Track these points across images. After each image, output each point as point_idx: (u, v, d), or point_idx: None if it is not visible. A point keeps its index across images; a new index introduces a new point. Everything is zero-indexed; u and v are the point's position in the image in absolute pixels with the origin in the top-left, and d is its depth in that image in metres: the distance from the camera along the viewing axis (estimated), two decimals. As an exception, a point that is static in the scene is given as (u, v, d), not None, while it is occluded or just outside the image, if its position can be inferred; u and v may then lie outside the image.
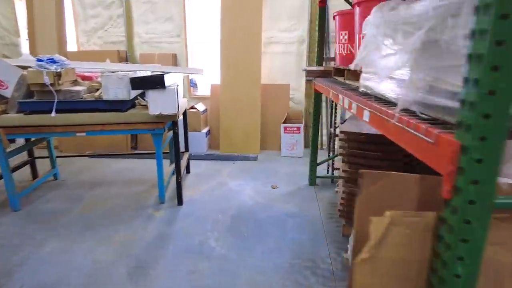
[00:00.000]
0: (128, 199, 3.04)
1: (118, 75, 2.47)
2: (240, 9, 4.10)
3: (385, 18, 1.23)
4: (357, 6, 1.99)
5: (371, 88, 1.58)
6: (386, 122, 1.17)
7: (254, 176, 3.61)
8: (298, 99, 4.56)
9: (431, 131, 0.87)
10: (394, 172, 1.03)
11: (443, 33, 0.96)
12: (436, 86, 1.02)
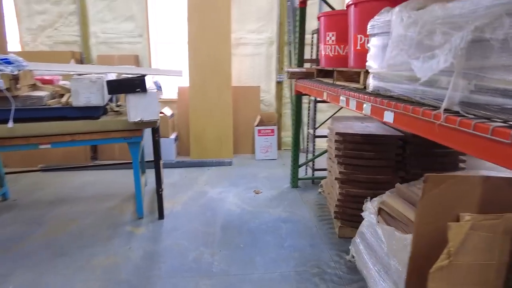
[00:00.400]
0: (100, 216, 2.72)
1: (91, 78, 2.18)
2: (208, 8, 3.94)
3: (416, 18, 1.21)
4: (354, 7, 1.98)
5: (383, 89, 1.57)
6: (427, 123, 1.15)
7: (234, 182, 3.47)
8: (268, 101, 4.51)
9: (506, 131, 0.85)
10: (457, 174, 1.01)
11: (494, 33, 0.96)
12: (484, 86, 1.02)
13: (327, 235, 2.44)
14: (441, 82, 1.18)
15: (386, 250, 1.63)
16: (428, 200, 0.97)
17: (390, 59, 1.32)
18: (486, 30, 0.98)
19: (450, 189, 0.96)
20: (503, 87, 0.96)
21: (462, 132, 1.00)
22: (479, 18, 0.99)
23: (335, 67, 2.42)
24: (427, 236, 0.98)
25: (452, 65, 1.07)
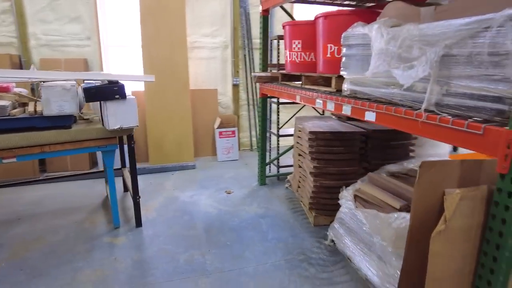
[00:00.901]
0: (70, 231, 2.56)
1: (64, 86, 2.07)
2: (162, 12, 3.89)
3: (395, 35, 1.48)
4: (324, 19, 2.23)
5: (360, 92, 1.84)
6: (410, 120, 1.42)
7: (202, 184, 3.52)
8: (226, 103, 4.62)
9: (475, 125, 1.13)
10: (443, 159, 1.28)
11: (460, 50, 1.26)
12: (454, 91, 1.32)
13: (304, 225, 2.67)
14: (416, 87, 1.47)
15: (369, 230, 1.90)
16: (423, 181, 1.23)
17: (374, 68, 1.57)
18: (454, 48, 1.28)
19: (438, 171, 1.23)
20: (468, 92, 1.26)
21: (442, 127, 1.27)
22: (449, 38, 1.28)
23: (301, 72, 2.67)
24: (422, 209, 1.24)
25: (428, 74, 1.36)
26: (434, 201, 1.24)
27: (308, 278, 2.02)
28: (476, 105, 1.23)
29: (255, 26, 4.41)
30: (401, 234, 1.64)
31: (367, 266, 1.91)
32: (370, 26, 1.68)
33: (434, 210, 1.24)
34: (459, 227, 1.14)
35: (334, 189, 2.55)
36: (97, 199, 3.14)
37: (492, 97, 1.17)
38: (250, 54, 4.44)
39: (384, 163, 2.48)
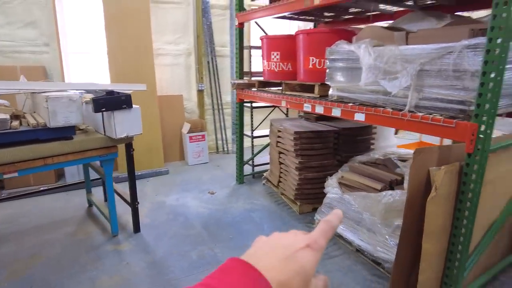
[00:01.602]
0: (65, 244, 2.52)
1: (71, 97, 2.09)
2: (127, 18, 3.89)
3: (380, 53, 1.92)
4: (306, 35, 2.61)
5: (347, 98, 2.26)
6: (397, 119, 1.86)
7: (183, 188, 3.65)
8: (191, 109, 4.76)
9: (449, 121, 1.61)
10: (425, 147, 1.74)
11: (431, 67, 1.74)
12: (427, 96, 1.80)
13: (290, 214, 3.03)
14: (397, 94, 1.93)
15: (358, 209, 2.33)
16: (415, 163, 1.67)
17: (365, 79, 1.99)
18: (427, 65, 1.75)
19: (424, 155, 1.69)
20: (439, 97, 1.74)
21: (423, 123, 1.73)
22: (423, 58, 1.75)
23: (280, 80, 3.03)
24: (415, 183, 1.68)
25: (409, 84, 1.82)
26: (422, 177, 1.70)
27: (309, 255, 2.38)
28: (445, 107, 1.72)
29: (217, 34, 4.64)
30: (389, 208, 2.10)
31: (358, 238, 2.34)
32: (356, 45, 2.10)
33: (422, 183, 1.70)
34: (444, 193, 1.60)
35: (315, 180, 2.97)
36: (79, 211, 3.07)
37: (456, 101, 1.67)
38: (213, 61, 4.65)
39: (352, 155, 2.98)
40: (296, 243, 0.40)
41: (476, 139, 1.53)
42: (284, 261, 0.37)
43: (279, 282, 0.35)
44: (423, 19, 2.24)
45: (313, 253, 0.39)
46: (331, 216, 0.45)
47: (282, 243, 0.40)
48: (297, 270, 0.37)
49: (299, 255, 0.38)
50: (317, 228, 0.43)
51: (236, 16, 3.30)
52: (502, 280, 2.11)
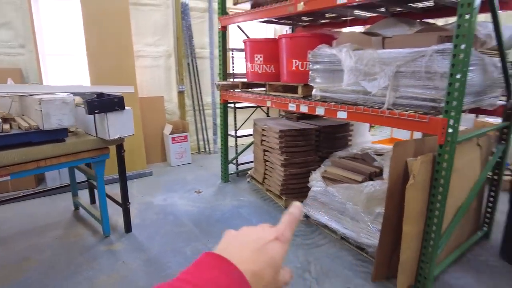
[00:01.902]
0: (56, 247, 2.51)
1: (64, 99, 2.10)
2: (106, 19, 3.87)
3: (360, 57, 2.11)
4: (290, 39, 2.77)
5: (330, 98, 2.45)
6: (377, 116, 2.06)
7: (169, 188, 3.69)
8: (171, 110, 4.79)
9: (423, 117, 1.82)
10: (403, 140, 1.94)
11: (406, 69, 1.95)
12: (403, 95, 2.01)
13: (276, 209, 3.18)
14: (376, 93, 2.13)
15: (341, 199, 2.52)
16: (395, 155, 1.87)
17: (347, 81, 2.18)
18: (402, 67, 1.96)
19: (403, 148, 1.90)
20: (413, 95, 1.96)
21: (401, 119, 1.94)
22: (399, 61, 1.96)
23: (264, 81, 3.17)
24: (395, 172, 1.88)
25: (387, 84, 2.02)
26: (401, 167, 1.90)
27: (298, 245, 2.54)
28: (419, 104, 1.93)
29: (197, 36, 4.71)
30: (370, 197, 2.31)
31: (342, 227, 2.53)
32: (337, 49, 2.29)
33: (401, 172, 1.91)
34: (420, 181, 1.82)
35: (299, 176, 3.14)
36: (65, 214, 3.04)
37: (429, 99, 1.89)
38: (193, 62, 4.71)
39: (332, 151, 3.19)
40: (265, 236, 0.42)
41: (446, 132, 1.75)
42: (255, 253, 0.39)
43: (252, 272, 0.37)
44: (396, 25, 2.47)
45: (281, 245, 0.42)
46: (293, 208, 0.48)
47: (252, 237, 0.42)
48: (268, 261, 0.39)
49: (269, 247, 0.40)
50: (282, 221, 0.46)
51: (219, 19, 3.41)
52: (469, 257, 2.39)
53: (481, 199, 2.56)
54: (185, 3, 4.51)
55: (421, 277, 1.99)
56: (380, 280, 2.12)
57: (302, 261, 2.34)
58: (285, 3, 2.60)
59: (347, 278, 2.16)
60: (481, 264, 2.31)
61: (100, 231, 2.73)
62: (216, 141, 5.09)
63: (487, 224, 2.63)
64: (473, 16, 1.60)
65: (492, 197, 2.57)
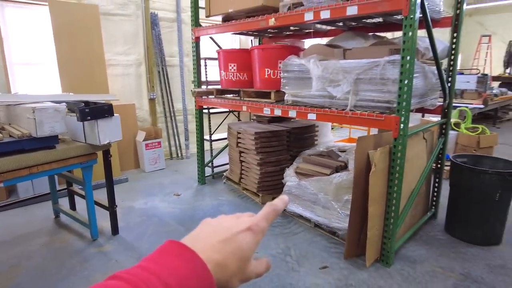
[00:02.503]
0: (43, 253, 2.55)
1: (56, 107, 2.20)
2: (77, 29, 3.90)
3: (326, 66, 2.46)
4: (262, 50, 3.08)
5: (300, 102, 2.78)
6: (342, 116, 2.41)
7: (148, 192, 3.80)
8: (142, 117, 4.87)
9: (380, 116, 2.21)
10: (364, 135, 2.31)
11: (365, 76, 2.34)
12: (363, 98, 2.39)
13: (254, 205, 3.44)
14: (340, 97, 2.49)
15: (313, 191, 2.85)
16: (359, 147, 2.23)
17: (316, 87, 2.52)
18: (361, 75, 2.34)
19: (364, 142, 2.26)
20: (371, 98, 2.35)
21: (362, 118, 2.31)
22: (358, 69, 2.34)
23: (238, 88, 3.44)
24: (359, 162, 2.24)
25: (349, 89, 2.39)
26: (363, 158, 2.27)
27: (278, 234, 2.82)
28: (376, 105, 2.32)
29: (167, 45, 4.86)
30: (339, 186, 2.66)
31: (316, 215, 2.85)
32: (306, 59, 2.63)
33: (364, 163, 2.28)
34: (380, 168, 2.19)
35: (273, 173, 3.44)
36: (46, 223, 3.05)
37: (383, 101, 2.28)
38: (164, 70, 4.85)
39: (301, 150, 3.53)
40: (238, 225, 0.42)
41: (399, 128, 2.14)
42: (223, 242, 0.39)
43: (216, 262, 0.37)
44: (354, 39, 2.88)
45: (253, 235, 0.41)
46: (277, 200, 0.49)
47: (224, 225, 0.42)
48: (234, 251, 0.38)
49: (239, 236, 0.40)
50: (261, 211, 0.46)
51: (193, 30, 3.63)
52: (420, 234, 2.83)
53: (429, 185, 3.03)
54: (155, 14, 4.66)
55: (384, 251, 2.36)
56: (351, 258, 2.46)
57: (283, 248, 2.63)
58: (257, 19, 2.90)
59: (323, 259, 2.48)
60: (430, 238, 2.76)
61: (86, 235, 2.80)
62: (188, 146, 5.24)
63: (434, 206, 3.10)
64: (414, 34, 2.00)
65: (437, 183, 3.06)
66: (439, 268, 2.35)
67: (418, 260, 2.44)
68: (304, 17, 2.52)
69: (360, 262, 2.42)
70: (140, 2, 4.54)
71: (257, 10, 3.01)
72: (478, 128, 4.41)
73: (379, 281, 2.21)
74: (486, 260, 2.45)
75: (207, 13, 3.51)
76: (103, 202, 2.86)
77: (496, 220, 2.57)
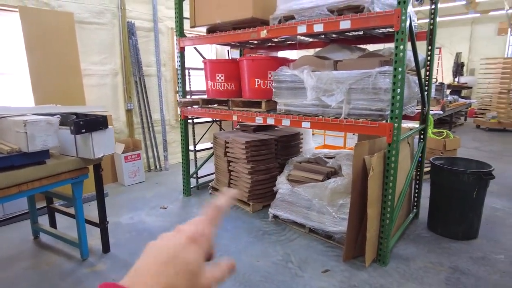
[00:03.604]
0: (30, 278, 2.36)
1: (49, 120, 2.08)
2: (51, 38, 3.71)
3: (319, 77, 2.58)
4: (252, 61, 3.14)
5: (293, 111, 2.86)
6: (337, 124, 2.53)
7: (132, 207, 3.66)
8: (119, 128, 4.69)
9: (374, 123, 2.35)
10: (360, 142, 2.43)
11: (357, 86, 2.48)
12: (356, 107, 2.52)
13: (245, 214, 3.44)
14: (334, 106, 2.61)
15: (308, 197, 2.93)
16: (356, 153, 2.35)
17: (310, 96, 2.62)
18: (354, 85, 2.48)
19: (361, 147, 2.39)
20: (363, 107, 2.49)
21: (356, 125, 2.44)
22: (351, 80, 2.48)
23: (227, 98, 3.47)
24: (356, 166, 2.36)
25: (343, 99, 2.52)
26: (360, 163, 2.40)
27: (275, 242, 2.86)
28: (368, 113, 2.47)
29: (144, 54, 4.76)
30: (334, 191, 2.76)
31: (310, 221, 2.93)
32: (299, 70, 2.73)
33: (360, 168, 2.40)
34: (377, 172, 2.32)
35: (264, 181, 3.48)
36: (25, 245, 2.83)
37: (376, 109, 2.43)
38: (141, 80, 4.73)
39: (288, 157, 3.62)
40: (180, 240, 0.40)
41: (392, 134, 2.29)
42: (165, 264, 0.37)
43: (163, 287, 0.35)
44: (340, 51, 3.03)
45: (198, 246, 0.40)
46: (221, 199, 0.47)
47: (165, 245, 0.40)
48: (178, 271, 0.37)
49: (182, 253, 0.38)
50: (204, 216, 0.45)
51: (178, 40, 3.60)
52: (407, 233, 3.01)
53: (411, 187, 3.25)
54: (132, 23, 4.56)
55: (381, 251, 2.49)
56: (350, 260, 2.56)
57: (282, 254, 2.66)
58: (248, 30, 2.96)
59: (323, 262, 2.55)
60: (417, 237, 2.95)
61: (74, 255, 2.64)
62: (167, 158, 5.12)
63: (416, 206, 3.32)
64: (405, 47, 2.18)
65: (417, 185, 3.28)
66: (429, 263, 2.52)
67: (410, 257, 2.60)
68: (297, 30, 2.63)
69: (358, 263, 2.52)
70: (116, 10, 4.42)
71: (246, 22, 3.08)
72: (443, 132, 4.80)
73: (380, 280, 2.32)
74: (469, 253, 2.67)
75: (192, 23, 3.51)
76: (91, 219, 2.71)
77: (474, 216, 2.81)
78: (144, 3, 4.75)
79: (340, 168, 3.05)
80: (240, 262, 2.55)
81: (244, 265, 2.52)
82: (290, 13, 2.70)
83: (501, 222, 3.21)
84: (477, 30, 12.17)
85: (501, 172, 4.63)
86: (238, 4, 2.99)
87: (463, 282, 2.29)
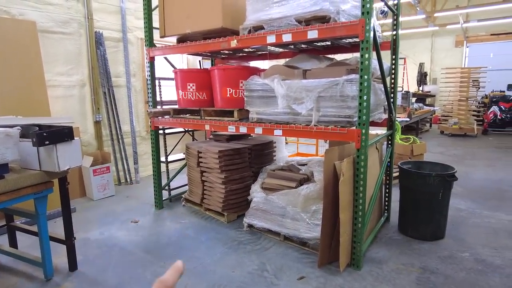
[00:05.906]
0: (-14, 302, 2.19)
1: (8, 132, 1.96)
2: (11, 47, 3.55)
3: (290, 85, 2.62)
4: (223, 70, 3.14)
5: (265, 119, 2.89)
6: (307, 131, 2.57)
7: (101, 223, 3.50)
8: (87, 141, 4.52)
9: (342, 129, 2.41)
10: (330, 148, 2.48)
11: (325, 94, 2.54)
12: (325, 114, 2.58)
13: (220, 225, 3.39)
14: (304, 114, 2.66)
15: (282, 204, 2.94)
16: (327, 158, 2.39)
17: (281, 105, 2.66)
18: (322, 93, 2.55)
19: (331, 153, 2.44)
20: (332, 114, 2.55)
21: (326, 132, 2.49)
22: (319, 88, 2.54)
23: (198, 107, 3.44)
24: (327, 172, 2.40)
25: (312, 106, 2.57)
26: (330, 168, 2.44)
27: (250, 251, 2.83)
28: (337, 120, 2.53)
29: (112, 65, 4.65)
30: (307, 197, 2.79)
31: (285, 228, 2.93)
32: (269, 79, 2.77)
33: (331, 173, 2.45)
34: (347, 177, 2.38)
35: (238, 191, 3.46)
36: (-18, 267, 2.62)
37: (344, 116, 2.50)
38: (110, 91, 4.61)
39: (262, 166, 3.63)
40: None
41: (361, 139, 2.36)
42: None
43: None
44: (309, 60, 3.11)
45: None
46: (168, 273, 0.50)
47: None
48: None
49: None
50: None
51: (148, 50, 3.56)
52: (379, 236, 3.08)
53: (382, 192, 3.34)
54: (100, 33, 4.45)
55: (355, 255, 2.53)
56: (325, 265, 2.58)
57: (257, 264, 2.64)
58: (219, 40, 2.97)
59: (298, 269, 2.55)
60: (388, 239, 3.02)
61: (36, 275, 2.48)
62: (138, 170, 4.98)
63: (386, 210, 3.42)
64: (370, 56, 2.27)
65: (387, 189, 3.38)
66: (401, 265, 2.59)
67: (383, 260, 2.66)
68: (266, 39, 2.67)
69: (333, 269, 2.54)
70: (83, 20, 4.30)
71: (216, 32, 3.09)
72: (410, 138, 5.02)
73: (354, 284, 2.35)
74: (437, 253, 2.76)
75: (161, 33, 3.48)
76: (57, 236, 2.58)
77: (441, 217, 2.93)
78: (113, 13, 4.67)
79: (312, 175, 3.09)
80: (215, 274, 2.50)
81: (219, 276, 2.47)
82: (259, 23, 2.75)
83: (465, 222, 3.36)
84: (437, 42, 12.93)
85: (463, 175, 4.88)
86: (208, 14, 3.00)
87: (433, 281, 2.37)
